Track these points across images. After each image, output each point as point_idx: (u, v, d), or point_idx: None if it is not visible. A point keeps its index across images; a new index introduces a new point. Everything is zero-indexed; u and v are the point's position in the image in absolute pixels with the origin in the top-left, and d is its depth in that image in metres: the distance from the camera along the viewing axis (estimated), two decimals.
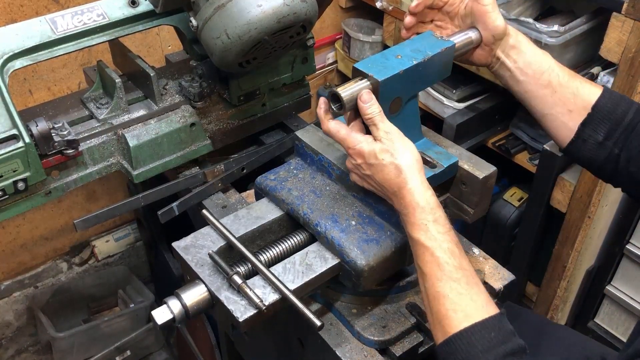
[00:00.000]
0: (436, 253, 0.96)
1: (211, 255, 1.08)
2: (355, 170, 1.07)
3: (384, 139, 1.02)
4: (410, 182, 1.00)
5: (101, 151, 1.39)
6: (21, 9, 1.83)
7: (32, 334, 2.41)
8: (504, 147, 2.08)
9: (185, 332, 2.20)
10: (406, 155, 1.01)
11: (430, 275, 0.96)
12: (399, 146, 1.02)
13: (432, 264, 0.96)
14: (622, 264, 2.13)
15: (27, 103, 1.96)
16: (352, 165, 1.08)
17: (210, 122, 1.53)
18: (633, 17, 1.59)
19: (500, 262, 1.30)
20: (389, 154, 1.01)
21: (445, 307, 0.94)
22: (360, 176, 1.08)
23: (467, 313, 0.92)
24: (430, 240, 0.97)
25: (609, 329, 2.26)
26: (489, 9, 1.15)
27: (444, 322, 0.93)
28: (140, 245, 2.53)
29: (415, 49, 1.13)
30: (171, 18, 1.39)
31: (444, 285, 0.94)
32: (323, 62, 2.77)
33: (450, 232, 0.99)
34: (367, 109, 1.03)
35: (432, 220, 0.98)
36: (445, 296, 0.94)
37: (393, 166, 1.00)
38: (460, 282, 0.95)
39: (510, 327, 0.93)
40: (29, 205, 1.31)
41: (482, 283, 1.23)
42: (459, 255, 0.97)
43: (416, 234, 0.98)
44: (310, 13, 1.26)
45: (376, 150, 1.01)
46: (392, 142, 1.02)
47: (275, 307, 1.04)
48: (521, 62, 1.18)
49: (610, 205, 1.95)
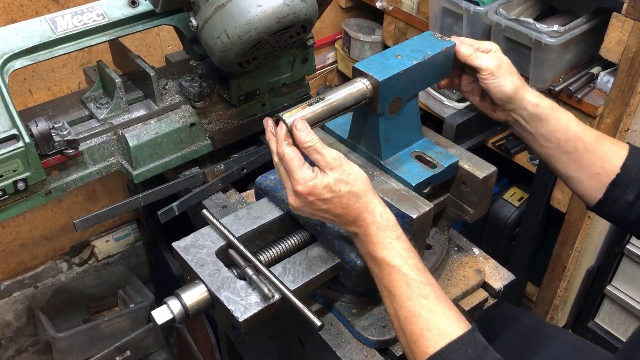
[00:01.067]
0: (403, 270, 0.94)
1: (232, 242, 1.08)
2: (306, 207, 0.98)
3: (333, 166, 0.95)
4: (370, 204, 0.97)
5: (101, 151, 1.39)
6: (21, 9, 1.83)
7: (32, 334, 2.41)
8: (504, 147, 2.08)
9: (185, 332, 2.20)
10: (359, 179, 0.97)
11: (399, 294, 0.93)
12: (349, 171, 0.96)
13: (400, 283, 0.93)
14: (622, 264, 2.13)
15: (27, 103, 1.96)
16: (300, 203, 0.98)
17: (210, 122, 1.53)
18: (633, 17, 1.59)
19: (500, 262, 1.30)
20: (344, 182, 0.95)
21: (419, 326, 0.91)
22: (312, 212, 0.99)
23: (441, 330, 0.90)
24: (396, 258, 0.94)
25: (609, 329, 2.26)
26: (490, 76, 1.13)
27: (420, 343, 0.91)
28: (140, 245, 2.53)
29: (415, 49, 1.13)
30: (171, 18, 1.39)
31: (415, 304, 0.92)
32: (323, 62, 2.77)
33: (413, 249, 0.97)
34: (306, 136, 0.96)
35: (395, 237, 0.96)
36: (417, 315, 0.92)
37: (351, 194, 0.95)
38: (430, 298, 0.92)
39: (484, 341, 0.91)
40: (29, 205, 1.31)
41: (481, 283, 1.25)
42: (424, 270, 0.95)
43: (380, 253, 0.95)
44: (310, 13, 1.26)
45: (330, 183, 0.94)
46: (343, 168, 0.95)
47: (275, 307, 1.04)
48: (544, 130, 1.15)
49: None
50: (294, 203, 0.98)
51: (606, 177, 1.13)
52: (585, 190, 1.17)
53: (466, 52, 1.14)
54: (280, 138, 0.97)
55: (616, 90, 1.71)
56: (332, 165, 0.95)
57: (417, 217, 1.05)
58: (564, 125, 1.14)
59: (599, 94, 1.82)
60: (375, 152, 1.16)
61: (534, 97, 1.14)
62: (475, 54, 1.14)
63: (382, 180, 1.14)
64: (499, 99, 1.15)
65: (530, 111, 1.14)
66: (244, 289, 1.04)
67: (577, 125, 1.14)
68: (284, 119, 0.98)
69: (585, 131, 1.14)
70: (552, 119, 1.14)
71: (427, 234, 1.14)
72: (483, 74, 1.13)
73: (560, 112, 1.15)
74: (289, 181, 0.97)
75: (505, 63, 1.14)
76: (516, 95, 1.13)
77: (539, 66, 1.83)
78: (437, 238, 1.28)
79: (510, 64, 1.15)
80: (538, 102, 1.14)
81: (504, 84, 1.13)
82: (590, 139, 1.13)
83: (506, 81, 1.13)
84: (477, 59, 1.13)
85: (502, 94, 1.13)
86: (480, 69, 1.13)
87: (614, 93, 1.72)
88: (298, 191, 0.95)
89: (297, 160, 0.95)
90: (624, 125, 1.75)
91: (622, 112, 1.73)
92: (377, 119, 1.10)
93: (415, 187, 1.11)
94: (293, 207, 0.99)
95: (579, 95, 1.80)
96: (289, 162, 0.95)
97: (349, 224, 0.98)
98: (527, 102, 1.14)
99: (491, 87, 1.14)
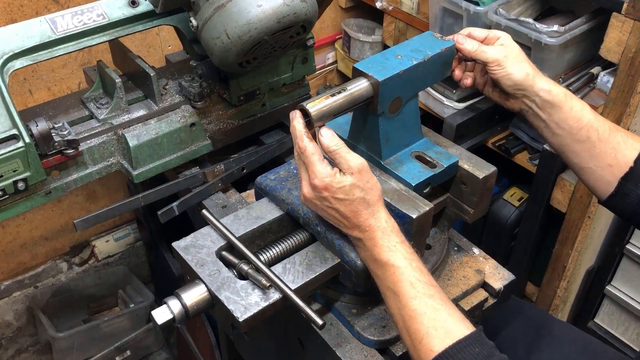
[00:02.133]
0: (407, 271, 0.95)
1: (232, 242, 1.09)
2: (317, 201, 1.00)
3: (354, 171, 0.97)
4: (377, 212, 0.99)
5: (101, 151, 1.39)
6: (21, 9, 1.83)
7: (32, 334, 2.41)
8: (504, 147, 2.08)
9: (185, 332, 2.20)
10: (375, 190, 0.99)
11: (404, 294, 0.94)
12: (367, 179, 0.98)
13: (405, 283, 0.94)
14: (622, 264, 2.13)
15: (27, 103, 1.96)
16: (313, 196, 1.00)
17: (210, 122, 1.53)
18: (633, 17, 1.59)
19: (500, 262, 1.30)
20: (359, 189, 0.97)
21: (425, 324, 0.91)
22: (322, 207, 1.01)
23: (447, 329, 0.90)
24: (400, 260, 0.96)
25: (609, 329, 2.26)
26: (498, 67, 1.14)
27: (425, 341, 0.90)
28: (140, 245, 2.53)
29: (415, 49, 1.13)
30: (171, 18, 1.39)
31: (420, 303, 0.92)
32: (323, 62, 2.77)
33: (415, 254, 0.98)
34: (331, 141, 0.98)
35: (400, 242, 0.98)
36: (423, 314, 0.92)
37: (363, 201, 0.97)
38: (435, 298, 0.93)
39: (490, 342, 0.91)
40: (29, 205, 1.31)
41: (481, 283, 1.25)
42: (427, 273, 0.96)
43: (384, 256, 0.96)
44: (310, 13, 1.26)
45: (347, 186, 0.96)
46: (362, 175, 0.97)
47: (275, 306, 1.04)
48: (556, 117, 1.14)
49: None
50: (307, 194, 1.01)
51: (619, 170, 1.12)
52: (597, 182, 1.15)
53: (471, 48, 1.15)
54: (300, 132, 0.99)
55: (616, 90, 1.71)
56: (353, 169, 0.97)
57: (417, 217, 1.05)
58: (577, 114, 1.13)
59: (599, 94, 1.82)
60: (375, 152, 1.16)
61: (546, 84, 1.14)
62: (480, 48, 1.15)
63: (382, 180, 1.14)
64: (509, 87, 1.15)
65: (542, 97, 1.14)
66: (244, 289, 1.04)
67: (590, 114, 1.14)
68: (308, 109, 0.99)
69: (598, 121, 1.13)
70: (565, 106, 1.13)
71: (427, 234, 1.14)
72: (491, 65, 1.14)
73: (574, 100, 1.15)
74: (306, 172, 1.00)
75: (513, 52, 1.15)
76: (526, 82, 1.14)
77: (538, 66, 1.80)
78: (437, 238, 1.28)
79: (521, 51, 1.16)
80: (551, 88, 1.14)
81: (512, 72, 1.13)
82: (604, 129, 1.12)
83: (514, 69, 1.13)
84: (482, 53, 1.14)
85: (511, 82, 1.14)
86: (487, 62, 1.14)
87: (614, 93, 1.72)
88: (314, 184, 0.97)
89: (317, 155, 0.98)
90: (624, 125, 1.75)
91: (622, 112, 1.73)
92: (377, 119, 1.10)
93: (415, 187, 1.11)
94: (305, 197, 1.02)
95: (579, 95, 1.80)
96: (310, 156, 0.98)
97: (354, 228, 1.00)
98: (538, 89, 1.14)
99: (499, 77, 1.15)
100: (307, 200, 1.02)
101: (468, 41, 1.15)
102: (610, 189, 1.13)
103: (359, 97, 1.06)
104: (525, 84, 1.14)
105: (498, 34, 1.17)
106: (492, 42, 1.17)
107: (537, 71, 1.16)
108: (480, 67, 1.22)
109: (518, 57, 1.14)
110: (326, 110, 1.02)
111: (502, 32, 1.18)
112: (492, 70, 1.15)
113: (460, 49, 1.16)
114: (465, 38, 1.16)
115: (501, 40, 1.16)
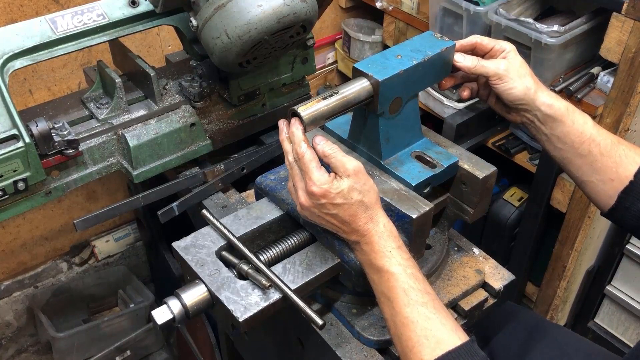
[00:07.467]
0: (401, 277, 0.94)
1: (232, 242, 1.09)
2: (315, 209, 0.99)
3: (350, 173, 0.96)
4: (375, 216, 0.99)
5: (101, 151, 1.39)
6: (21, 9, 1.83)
7: (32, 334, 2.41)
8: (504, 147, 2.08)
9: (185, 332, 2.20)
10: (372, 192, 0.99)
11: (397, 301, 0.94)
12: (364, 181, 0.98)
13: (398, 290, 0.94)
14: (622, 264, 2.13)
15: (27, 103, 1.96)
16: (311, 204, 0.99)
17: (210, 122, 1.53)
18: (633, 17, 1.59)
19: (500, 262, 1.30)
20: (357, 191, 0.97)
21: (416, 333, 0.91)
22: (319, 215, 1.00)
23: (438, 339, 0.90)
24: (395, 266, 0.95)
25: (609, 329, 2.26)
26: (499, 80, 1.14)
27: (416, 350, 0.90)
28: (140, 245, 2.53)
29: (415, 49, 1.13)
30: (171, 18, 1.39)
31: (412, 310, 0.92)
32: (323, 62, 2.78)
33: (412, 259, 0.98)
34: (325, 147, 0.98)
35: (396, 247, 0.97)
36: (415, 322, 0.91)
37: (361, 204, 0.97)
38: (428, 306, 0.93)
39: (482, 353, 0.91)
40: (29, 205, 1.31)
41: (481, 283, 1.25)
42: (422, 280, 0.96)
43: (380, 262, 0.96)
44: (310, 13, 1.26)
45: (344, 190, 0.96)
46: (359, 177, 0.97)
47: (276, 306, 1.04)
48: (558, 131, 1.14)
49: None
50: (305, 203, 0.99)
51: (620, 184, 1.11)
52: (598, 196, 1.15)
53: (470, 65, 1.15)
54: (298, 138, 0.98)
55: (616, 90, 1.71)
56: (350, 172, 0.97)
57: (417, 217, 1.05)
58: (579, 128, 1.13)
59: (599, 94, 1.82)
60: (375, 152, 1.16)
61: (547, 98, 1.14)
62: (479, 63, 1.14)
63: (382, 180, 1.14)
64: (509, 102, 1.15)
65: (544, 112, 1.14)
66: (244, 289, 1.04)
67: (592, 128, 1.13)
68: (300, 113, 0.98)
69: (601, 134, 1.13)
70: (567, 120, 1.13)
71: (427, 234, 1.14)
72: (492, 79, 1.14)
73: (576, 114, 1.14)
74: (302, 181, 0.99)
75: (515, 65, 1.14)
76: (527, 97, 1.13)
77: (539, 66, 1.84)
78: (437, 238, 1.28)
79: (524, 64, 1.15)
80: (552, 103, 1.14)
81: (513, 87, 1.13)
82: (605, 143, 1.12)
83: (515, 83, 1.13)
84: (482, 68, 1.14)
85: (512, 96, 1.14)
86: (487, 76, 1.14)
87: (614, 93, 1.72)
88: (312, 192, 0.96)
89: (315, 162, 0.97)
90: (624, 125, 1.75)
91: (622, 112, 1.73)
92: (377, 119, 1.10)
93: (415, 187, 1.11)
94: (303, 206, 1.01)
95: (579, 95, 1.80)
96: (307, 163, 0.97)
97: (352, 232, 0.99)
98: (540, 103, 1.13)
99: (500, 91, 1.15)
100: (305, 209, 1.01)
101: (467, 58, 1.15)
102: (612, 202, 1.13)
103: (352, 100, 1.05)
104: (526, 98, 1.13)
105: (504, 46, 1.16)
106: (497, 54, 1.17)
107: (540, 84, 1.15)
108: (484, 78, 1.21)
109: (519, 71, 1.14)
110: (318, 114, 1.01)
111: (508, 43, 1.17)
112: (493, 84, 1.15)
113: (459, 68, 1.16)
114: (464, 56, 1.16)
115: (505, 52, 1.16)
